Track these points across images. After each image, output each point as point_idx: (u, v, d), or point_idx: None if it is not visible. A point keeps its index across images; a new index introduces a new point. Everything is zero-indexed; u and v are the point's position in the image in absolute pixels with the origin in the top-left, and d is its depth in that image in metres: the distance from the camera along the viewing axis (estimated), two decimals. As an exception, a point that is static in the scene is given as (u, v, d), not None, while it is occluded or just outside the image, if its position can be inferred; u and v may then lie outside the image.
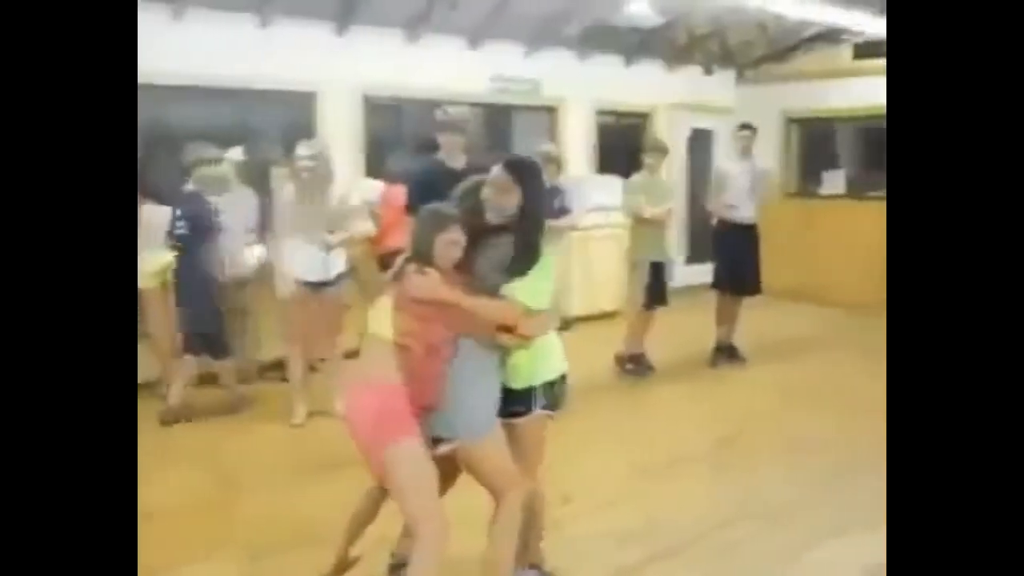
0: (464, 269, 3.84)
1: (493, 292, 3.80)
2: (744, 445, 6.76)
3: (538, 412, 3.99)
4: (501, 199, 3.81)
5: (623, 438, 6.94)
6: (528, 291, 3.79)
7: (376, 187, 8.23)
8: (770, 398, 8.00)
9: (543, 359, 3.99)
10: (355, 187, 7.90)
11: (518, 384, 3.95)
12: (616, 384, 8.49)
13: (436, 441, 3.83)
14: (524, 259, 3.81)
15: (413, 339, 3.71)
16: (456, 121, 6.03)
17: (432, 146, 6.10)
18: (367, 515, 4.23)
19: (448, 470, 4.00)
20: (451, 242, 3.77)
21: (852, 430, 6.94)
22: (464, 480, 4.08)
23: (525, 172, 3.88)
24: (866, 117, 12.26)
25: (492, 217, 3.84)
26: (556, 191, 7.66)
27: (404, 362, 3.72)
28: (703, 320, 9.38)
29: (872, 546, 5.00)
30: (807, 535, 5.16)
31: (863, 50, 11.97)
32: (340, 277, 7.07)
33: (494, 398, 3.89)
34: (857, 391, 7.94)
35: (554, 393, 4.03)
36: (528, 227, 3.84)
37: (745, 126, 9.16)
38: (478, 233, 3.86)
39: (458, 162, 5.80)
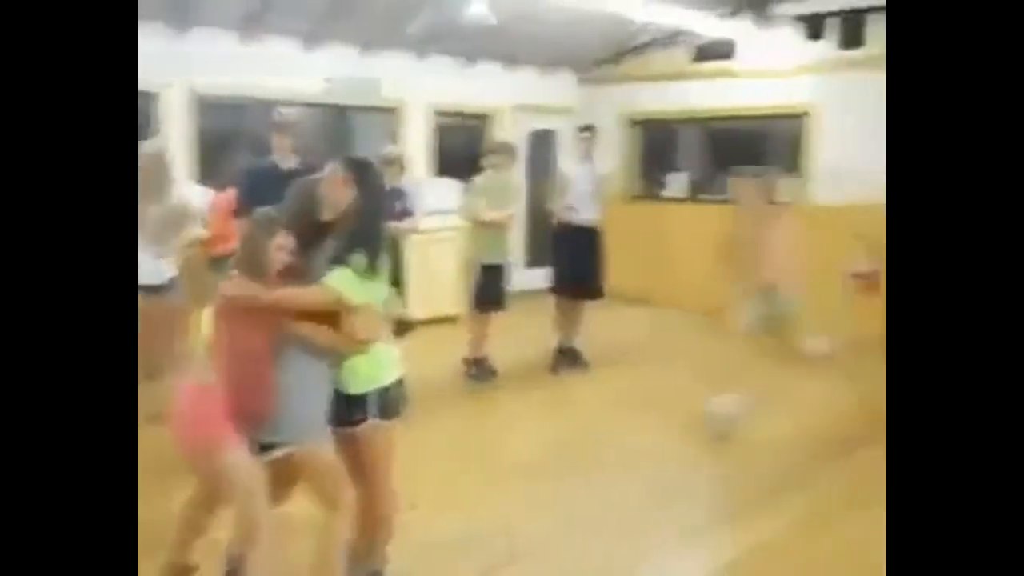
0: (296, 273, 3.76)
1: None
2: (584, 451, 6.75)
3: (376, 419, 3.91)
4: (335, 194, 3.77)
5: (466, 443, 6.92)
6: (343, 280, 3.71)
7: (205, 193, 8.03)
8: (611, 403, 8.02)
9: (377, 364, 3.92)
10: (186, 192, 7.68)
11: (355, 389, 3.88)
12: (458, 389, 8.39)
13: (267, 447, 3.73)
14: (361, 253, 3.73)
15: (233, 342, 3.63)
16: (288, 122, 5.93)
17: (266, 147, 5.99)
18: (197, 523, 4.10)
19: (285, 477, 3.92)
20: (279, 247, 3.69)
21: (692, 436, 7.00)
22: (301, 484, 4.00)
23: (360, 168, 3.85)
24: (707, 119, 12.49)
25: (326, 214, 3.79)
26: (399, 193, 7.49)
27: (224, 366, 3.65)
28: (548, 324, 9.32)
29: (711, 551, 5.06)
30: (647, 541, 5.18)
31: (703, 52, 12.16)
32: (173, 281, 6.83)
33: (325, 403, 3.81)
34: (698, 396, 8.02)
35: (390, 398, 3.97)
36: (363, 224, 3.79)
37: (586, 127, 9.09)
38: (311, 234, 3.79)
39: (291, 163, 5.70)
